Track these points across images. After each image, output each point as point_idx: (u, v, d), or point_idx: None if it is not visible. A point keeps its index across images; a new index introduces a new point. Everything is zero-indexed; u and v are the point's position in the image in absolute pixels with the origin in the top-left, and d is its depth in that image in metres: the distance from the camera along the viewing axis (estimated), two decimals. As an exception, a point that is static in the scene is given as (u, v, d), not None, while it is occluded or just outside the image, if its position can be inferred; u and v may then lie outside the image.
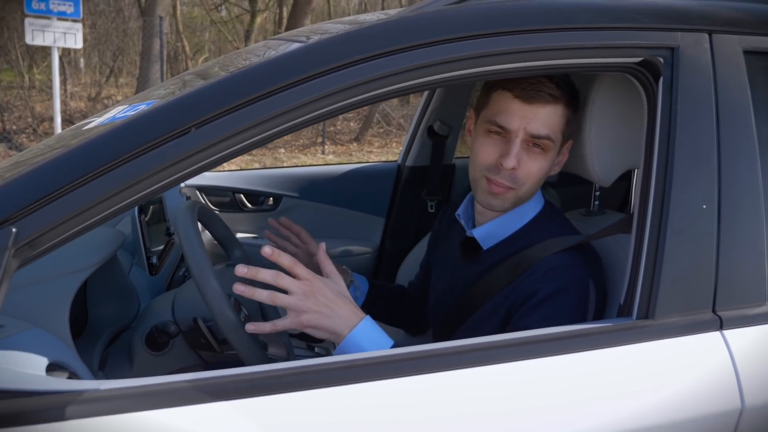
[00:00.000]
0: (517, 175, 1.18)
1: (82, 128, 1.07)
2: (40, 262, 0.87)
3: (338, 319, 1.04)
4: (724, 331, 1.00)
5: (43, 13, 5.83)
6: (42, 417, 0.77)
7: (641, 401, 0.95)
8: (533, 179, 1.20)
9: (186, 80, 1.20)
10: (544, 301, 1.12)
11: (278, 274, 1.03)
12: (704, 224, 1.01)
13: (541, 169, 1.19)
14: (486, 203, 1.23)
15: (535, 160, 1.18)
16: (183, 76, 1.37)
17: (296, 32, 1.35)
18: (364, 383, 0.88)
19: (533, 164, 1.18)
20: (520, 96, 1.15)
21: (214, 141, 0.87)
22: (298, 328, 1.05)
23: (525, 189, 1.20)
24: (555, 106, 1.16)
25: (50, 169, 0.83)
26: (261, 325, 1.03)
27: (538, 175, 1.20)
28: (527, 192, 1.22)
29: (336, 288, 1.07)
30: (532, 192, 1.24)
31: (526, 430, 0.91)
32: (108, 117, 1.04)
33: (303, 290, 1.03)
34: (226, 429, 0.82)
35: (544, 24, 1.00)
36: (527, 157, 1.18)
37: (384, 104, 11.83)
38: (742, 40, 1.07)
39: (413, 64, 0.94)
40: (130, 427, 0.79)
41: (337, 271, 1.11)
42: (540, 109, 1.15)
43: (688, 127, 1.03)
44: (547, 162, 1.20)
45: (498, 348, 0.94)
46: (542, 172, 1.20)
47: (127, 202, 0.85)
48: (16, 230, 0.79)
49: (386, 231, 2.58)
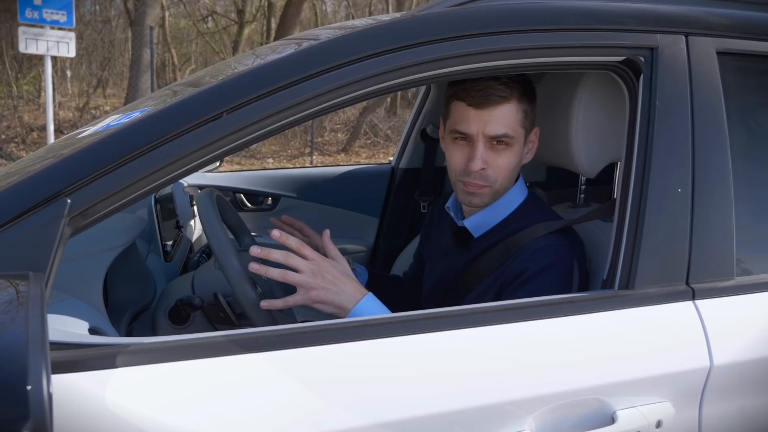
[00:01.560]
0: (487, 174, 1.29)
1: (76, 137, 1.15)
2: (76, 241, 0.96)
3: (344, 294, 1.15)
4: (696, 301, 1.12)
5: (36, 22, 5.89)
6: (93, 365, 0.86)
7: (623, 360, 1.06)
8: (504, 173, 1.30)
9: (176, 90, 1.27)
10: (532, 278, 1.22)
11: (289, 254, 1.15)
12: (679, 206, 1.13)
13: (509, 163, 1.30)
14: (467, 202, 1.35)
15: (500, 156, 1.28)
16: (173, 86, 1.44)
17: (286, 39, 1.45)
18: (375, 340, 0.98)
19: (500, 160, 1.28)
20: (472, 104, 1.26)
21: (243, 125, 0.97)
22: (307, 303, 1.16)
23: (499, 183, 1.31)
24: (507, 104, 1.26)
25: (101, 147, 0.93)
26: (274, 301, 1.13)
27: (508, 168, 1.30)
28: (503, 184, 1.32)
29: (341, 268, 1.18)
30: (509, 182, 1.34)
31: (518, 387, 1.01)
32: (102, 125, 1.12)
33: (311, 269, 1.14)
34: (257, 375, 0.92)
35: (536, 25, 1.11)
36: (493, 155, 1.28)
37: (371, 116, 11.96)
38: (715, 42, 1.19)
39: (419, 59, 1.05)
40: (175, 373, 0.88)
41: (340, 255, 1.23)
42: (493, 111, 1.25)
43: (665, 119, 1.14)
44: (514, 155, 1.30)
45: (493, 312, 1.05)
46: (512, 165, 1.31)
47: (167, 178, 0.95)
48: (70, 201, 0.88)
49: (380, 230, 2.68)
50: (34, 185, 0.89)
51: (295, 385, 0.92)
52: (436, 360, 0.99)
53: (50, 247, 0.85)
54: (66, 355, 0.86)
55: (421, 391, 0.97)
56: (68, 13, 6.08)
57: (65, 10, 6.07)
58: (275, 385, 0.91)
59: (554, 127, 1.39)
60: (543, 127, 1.45)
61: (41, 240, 0.86)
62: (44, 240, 0.86)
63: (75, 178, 0.90)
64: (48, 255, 0.85)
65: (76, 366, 0.85)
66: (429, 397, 0.96)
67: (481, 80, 1.24)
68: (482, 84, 1.24)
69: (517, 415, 1.00)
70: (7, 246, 0.85)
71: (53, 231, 0.86)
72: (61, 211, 0.88)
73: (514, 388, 1.00)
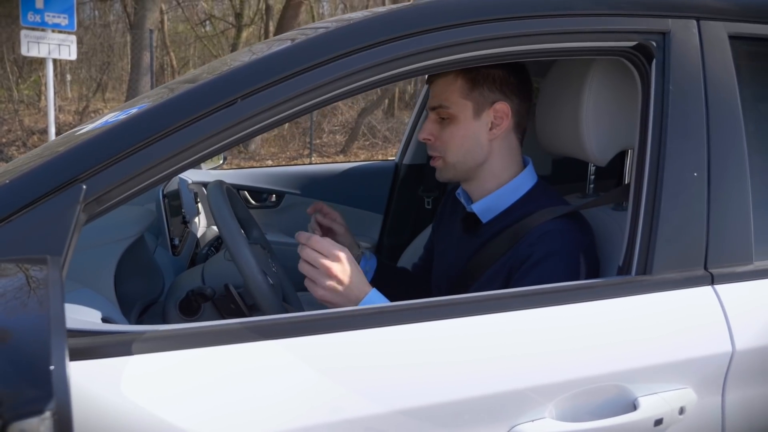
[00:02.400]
0: (435, 145, 1.35)
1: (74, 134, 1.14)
2: (87, 232, 0.96)
3: (346, 297, 1.14)
4: (715, 285, 1.11)
5: (38, 25, 5.88)
6: (108, 352, 0.85)
7: (643, 345, 1.05)
8: (450, 145, 1.33)
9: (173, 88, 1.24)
10: (538, 263, 1.21)
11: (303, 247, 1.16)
12: (695, 190, 1.12)
13: (453, 135, 1.32)
14: (437, 176, 1.39)
15: (444, 129, 1.33)
16: (169, 84, 1.43)
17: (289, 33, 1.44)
18: (393, 326, 0.97)
19: (443, 133, 1.33)
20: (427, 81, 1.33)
21: (257, 111, 0.97)
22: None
23: (450, 155, 1.34)
24: (447, 76, 1.30)
25: (116, 133, 0.92)
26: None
27: (454, 141, 1.33)
28: (455, 157, 1.34)
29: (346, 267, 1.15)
30: (466, 157, 1.34)
31: (537, 373, 1.00)
32: (100, 122, 1.11)
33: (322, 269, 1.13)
34: (274, 362, 0.91)
35: (546, 10, 1.11)
36: (438, 127, 1.34)
37: (370, 117, 11.96)
38: (726, 26, 1.19)
39: (430, 45, 1.04)
40: (191, 360, 0.87)
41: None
42: (436, 83, 1.33)
43: (679, 103, 1.14)
44: (458, 128, 1.32)
45: (509, 298, 1.04)
46: (457, 138, 1.32)
47: (181, 165, 0.94)
48: (85, 187, 0.88)
49: (384, 227, 2.67)
50: (49, 171, 0.89)
51: (313, 372, 0.91)
52: (455, 346, 0.98)
53: (66, 233, 0.84)
54: (81, 342, 0.85)
55: (440, 377, 0.96)
56: (70, 17, 6.07)
57: (67, 13, 6.07)
58: (292, 372, 0.90)
59: (563, 116, 1.38)
60: (551, 115, 1.44)
61: (57, 226, 0.85)
62: (60, 226, 0.85)
63: (90, 164, 0.89)
64: (63, 241, 0.84)
65: (91, 353, 0.85)
66: (448, 384, 0.96)
67: None
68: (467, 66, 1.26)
69: (538, 402, 0.99)
70: (23, 231, 0.84)
71: (69, 217, 0.86)
72: (77, 197, 0.87)
73: (533, 374, 0.99)
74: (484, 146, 1.34)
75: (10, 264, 0.78)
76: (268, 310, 1.17)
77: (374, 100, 12.40)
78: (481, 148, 1.34)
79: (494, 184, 1.37)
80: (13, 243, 0.84)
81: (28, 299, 0.70)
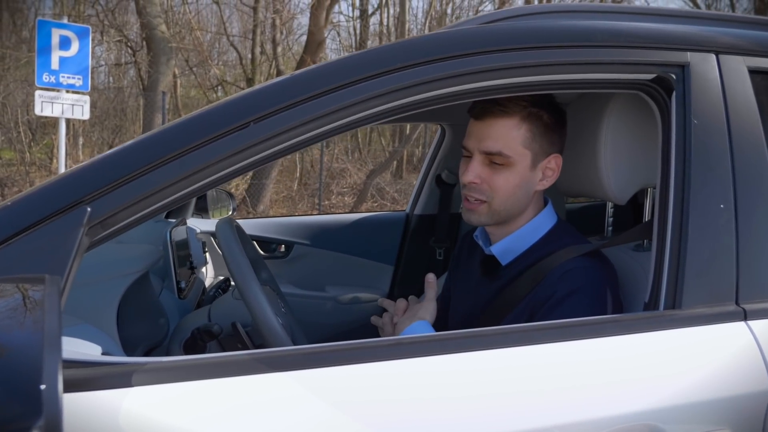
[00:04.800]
0: (482, 188, 1.25)
1: None
2: (90, 267, 0.92)
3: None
4: (748, 321, 1.05)
5: (53, 86, 6.01)
6: (108, 384, 0.80)
7: (675, 382, 0.98)
8: (501, 192, 1.25)
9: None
10: (562, 301, 1.16)
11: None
12: (723, 222, 1.08)
13: (506, 183, 1.25)
14: (467, 219, 1.31)
15: (497, 173, 1.24)
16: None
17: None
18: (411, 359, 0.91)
19: (496, 178, 1.24)
20: (474, 116, 1.24)
21: (269, 135, 0.94)
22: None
23: (498, 202, 1.26)
24: (507, 119, 1.22)
25: (123, 155, 0.90)
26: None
27: (506, 188, 1.25)
28: (503, 206, 1.27)
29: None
30: (513, 206, 1.28)
31: (564, 410, 0.93)
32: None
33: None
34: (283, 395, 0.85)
35: (565, 41, 1.10)
36: (489, 171, 1.24)
37: (378, 178, 12.06)
38: (746, 60, 1.18)
39: (447, 73, 1.03)
40: (194, 393, 0.82)
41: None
42: (491, 125, 1.22)
43: (701, 134, 1.11)
44: (513, 176, 1.24)
45: (532, 331, 0.99)
46: (510, 185, 1.25)
47: (191, 189, 0.91)
48: (90, 210, 0.84)
49: (395, 278, 2.62)
50: (54, 192, 0.86)
51: (326, 406, 0.85)
52: (475, 381, 0.92)
53: (68, 256, 0.81)
54: (79, 373, 0.80)
55: (458, 413, 0.89)
56: (84, 78, 6.21)
57: (82, 74, 6.21)
58: (303, 406, 0.84)
59: (581, 155, 1.35)
60: (569, 155, 1.42)
61: (59, 248, 0.81)
62: (62, 248, 0.81)
63: (96, 186, 0.86)
64: (65, 263, 0.80)
65: (89, 384, 0.79)
66: (466, 420, 0.89)
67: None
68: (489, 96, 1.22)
69: (564, 443, 0.92)
70: (25, 253, 0.81)
71: (71, 239, 0.82)
72: (81, 220, 0.84)
73: (559, 412, 0.92)
74: (530, 196, 1.30)
75: (8, 283, 0.74)
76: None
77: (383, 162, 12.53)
78: (527, 198, 1.30)
79: (515, 226, 1.33)
80: (14, 264, 0.80)
81: (24, 318, 0.66)
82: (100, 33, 12.87)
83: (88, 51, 6.32)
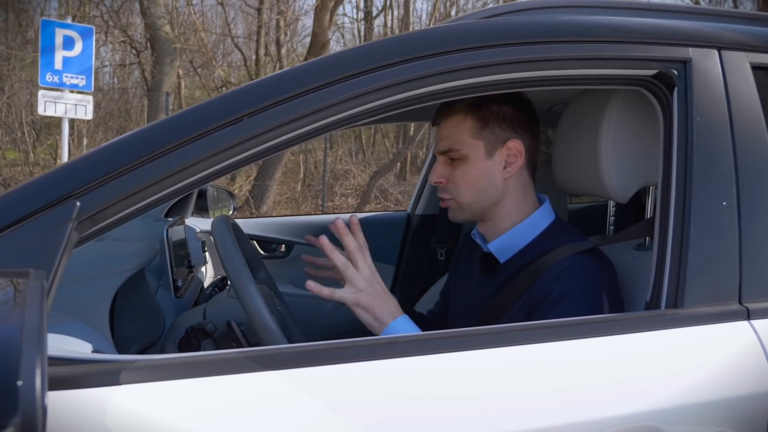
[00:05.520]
0: (447, 187, 1.31)
1: None
2: (83, 264, 0.91)
3: (386, 307, 1.15)
4: (752, 321, 1.03)
5: (56, 86, 6.02)
6: (95, 381, 0.78)
7: (676, 382, 0.96)
8: (462, 186, 1.29)
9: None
10: (559, 300, 1.15)
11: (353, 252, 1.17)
12: (725, 219, 1.06)
13: (465, 176, 1.28)
14: (450, 217, 1.35)
15: (456, 170, 1.29)
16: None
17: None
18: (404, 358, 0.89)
19: (455, 173, 1.29)
20: (432, 123, 1.31)
21: (264, 130, 0.93)
22: (350, 303, 1.14)
23: (463, 196, 1.30)
24: (454, 116, 1.28)
25: (113, 149, 0.88)
26: (321, 288, 1.11)
27: (466, 180, 1.29)
28: (472, 199, 1.30)
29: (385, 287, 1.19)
30: (481, 198, 1.30)
31: (560, 411, 0.91)
32: None
33: (367, 273, 1.15)
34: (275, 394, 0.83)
35: (565, 36, 1.08)
36: (450, 169, 1.30)
37: (382, 180, 12.04)
38: (749, 56, 1.16)
39: (444, 68, 1.01)
40: (184, 391, 0.80)
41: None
42: (443, 126, 1.30)
43: (703, 131, 1.09)
44: (471, 167, 1.28)
45: (528, 330, 0.97)
46: (469, 177, 1.29)
47: (183, 184, 0.90)
48: (79, 204, 0.83)
49: (396, 279, 2.60)
50: (43, 187, 0.85)
51: (318, 405, 0.83)
52: (470, 380, 0.90)
53: (56, 250, 0.79)
54: (67, 370, 0.78)
55: (452, 413, 0.87)
56: (87, 78, 6.21)
57: (85, 74, 6.21)
58: (294, 405, 0.82)
59: (582, 152, 1.33)
60: (569, 153, 1.40)
61: (47, 242, 0.80)
62: (50, 242, 0.80)
63: (85, 180, 0.85)
64: (54, 258, 0.79)
65: (78, 382, 0.78)
66: (461, 421, 0.87)
67: None
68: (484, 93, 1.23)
69: (562, 445, 0.90)
70: (13, 247, 0.79)
71: (60, 234, 0.81)
72: (70, 214, 0.82)
73: (556, 413, 0.90)
74: (498, 185, 1.30)
75: (-9, 277, 0.73)
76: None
77: (386, 163, 12.52)
78: (495, 188, 1.30)
79: (510, 223, 1.32)
80: (1, 259, 0.79)
81: (5, 312, 0.64)
82: (104, 33, 12.90)
83: (92, 51, 6.33)
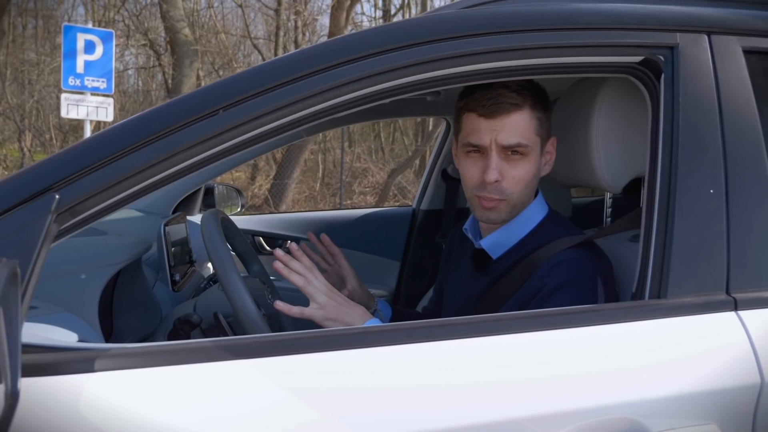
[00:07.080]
0: (503, 186, 1.22)
1: None
2: (73, 256, 0.92)
3: (354, 313, 1.17)
4: (739, 311, 1.01)
5: (78, 89, 6.17)
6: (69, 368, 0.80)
7: (657, 374, 0.95)
8: (520, 185, 1.23)
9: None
10: (551, 294, 1.14)
11: (312, 266, 1.18)
12: (712, 208, 1.04)
13: (526, 174, 1.23)
14: (485, 219, 1.27)
15: (516, 166, 1.22)
16: None
17: None
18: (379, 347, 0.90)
19: (516, 171, 1.22)
20: (483, 113, 1.20)
21: (239, 122, 0.94)
22: (317, 319, 1.14)
23: (516, 196, 1.24)
24: (519, 112, 1.20)
25: (93, 143, 0.90)
26: (289, 307, 1.12)
27: (525, 180, 1.23)
28: (520, 198, 1.25)
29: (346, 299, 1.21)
30: (526, 196, 1.26)
31: (538, 401, 0.91)
32: None
33: (324, 289, 1.17)
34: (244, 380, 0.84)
35: (549, 24, 1.07)
36: (508, 166, 1.21)
37: (400, 177, 12.01)
38: (741, 40, 1.13)
39: (424, 57, 1.01)
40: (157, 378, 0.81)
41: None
42: (505, 120, 1.19)
43: (690, 117, 1.07)
44: (530, 165, 1.23)
45: (511, 320, 0.97)
46: (528, 176, 1.23)
47: (160, 176, 0.91)
48: (58, 197, 0.85)
49: (401, 274, 2.60)
50: (23, 181, 0.86)
51: (285, 393, 0.83)
52: (443, 369, 0.90)
53: (35, 242, 0.81)
54: (43, 358, 0.80)
55: (424, 403, 0.87)
56: (108, 81, 6.36)
57: (105, 77, 6.36)
58: (263, 392, 0.83)
59: (574, 143, 1.32)
60: (562, 144, 1.39)
61: (26, 234, 0.81)
62: (29, 234, 0.81)
63: (64, 173, 0.86)
64: (32, 250, 0.80)
65: (53, 369, 0.80)
66: (432, 411, 0.87)
67: (491, 89, 1.19)
68: (492, 92, 1.19)
69: (538, 434, 0.89)
70: None
71: (39, 226, 0.82)
72: (48, 206, 0.84)
73: (533, 403, 0.90)
74: (535, 184, 1.28)
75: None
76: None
77: (404, 161, 12.50)
78: (534, 186, 1.28)
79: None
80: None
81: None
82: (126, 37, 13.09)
83: (112, 54, 6.46)
